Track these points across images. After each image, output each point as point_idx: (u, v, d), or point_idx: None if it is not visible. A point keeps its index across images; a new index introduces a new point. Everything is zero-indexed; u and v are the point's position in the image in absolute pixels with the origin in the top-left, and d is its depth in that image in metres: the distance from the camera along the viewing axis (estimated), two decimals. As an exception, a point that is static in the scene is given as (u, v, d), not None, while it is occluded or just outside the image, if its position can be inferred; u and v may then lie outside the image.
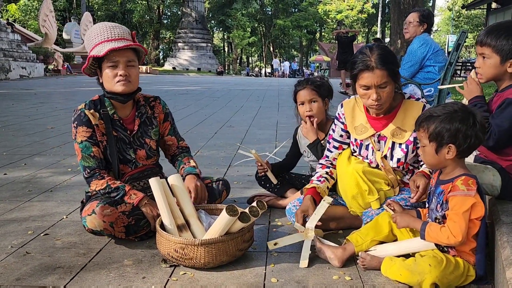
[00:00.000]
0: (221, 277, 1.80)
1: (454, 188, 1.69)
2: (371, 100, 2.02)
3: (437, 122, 1.71)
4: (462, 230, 1.64)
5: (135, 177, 2.30)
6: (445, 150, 1.72)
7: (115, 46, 2.08)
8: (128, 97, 2.23)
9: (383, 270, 1.78)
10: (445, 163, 1.76)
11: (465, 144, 1.69)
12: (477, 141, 1.70)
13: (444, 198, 1.72)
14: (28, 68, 18.74)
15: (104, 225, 2.01)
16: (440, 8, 58.94)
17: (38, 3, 30.84)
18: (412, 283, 1.68)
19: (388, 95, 2.03)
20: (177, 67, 38.25)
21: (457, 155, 1.71)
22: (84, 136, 2.16)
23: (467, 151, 1.73)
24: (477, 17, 43.41)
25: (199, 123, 6.53)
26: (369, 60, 1.98)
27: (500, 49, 2.00)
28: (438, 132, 1.71)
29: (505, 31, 2.01)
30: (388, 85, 2.00)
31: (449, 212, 1.69)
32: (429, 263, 1.66)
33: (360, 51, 2.05)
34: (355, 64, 2.03)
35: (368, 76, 1.98)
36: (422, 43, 4.42)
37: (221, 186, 2.44)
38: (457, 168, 1.76)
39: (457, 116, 1.69)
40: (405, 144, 2.13)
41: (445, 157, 1.72)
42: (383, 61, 1.97)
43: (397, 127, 2.12)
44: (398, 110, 2.14)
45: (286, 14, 47.88)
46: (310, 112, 2.59)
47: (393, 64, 2.02)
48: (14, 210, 2.64)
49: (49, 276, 1.79)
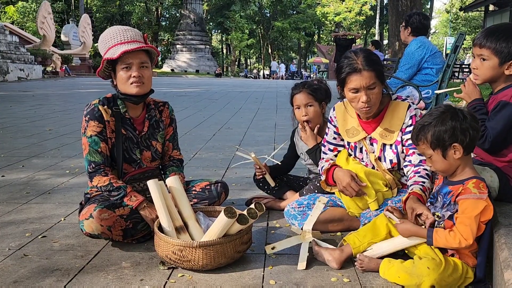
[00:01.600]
0: (219, 279, 1.80)
1: (466, 191, 1.69)
2: (361, 102, 2.03)
3: (432, 129, 1.73)
4: (474, 233, 1.65)
5: (136, 177, 2.30)
6: (452, 151, 1.73)
7: (129, 48, 2.10)
8: (142, 98, 2.26)
9: (381, 272, 1.78)
10: (456, 164, 1.76)
11: (466, 138, 1.70)
12: (474, 131, 1.72)
13: (453, 199, 1.73)
14: (26, 70, 18.72)
15: (102, 229, 2.01)
16: (438, 10, 59.11)
17: (36, 5, 30.80)
18: (410, 286, 1.68)
19: (377, 96, 2.05)
20: (175, 69, 38.25)
21: (463, 152, 1.72)
22: (94, 131, 2.18)
23: (471, 144, 1.74)
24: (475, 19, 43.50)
25: (198, 125, 6.52)
26: (355, 63, 2.00)
27: (500, 51, 2.02)
28: (437, 137, 1.72)
29: (505, 33, 2.02)
30: (376, 86, 2.02)
31: (460, 215, 1.68)
32: (428, 266, 1.66)
33: (345, 56, 2.06)
34: (341, 69, 2.04)
35: (356, 78, 1.99)
36: (420, 45, 4.43)
37: (220, 188, 2.44)
38: (466, 169, 1.77)
39: (447, 116, 1.72)
40: (394, 145, 2.15)
41: (453, 158, 1.74)
42: (369, 62, 1.99)
43: (385, 128, 2.14)
44: (386, 112, 2.16)
45: (284, 16, 47.91)
46: (306, 117, 2.58)
47: (379, 65, 2.05)
48: (12, 212, 2.63)
49: (47, 279, 1.79)
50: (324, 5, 40.64)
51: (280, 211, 2.58)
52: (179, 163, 2.47)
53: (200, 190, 2.40)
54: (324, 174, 2.22)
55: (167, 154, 2.46)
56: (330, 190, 2.26)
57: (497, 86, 2.12)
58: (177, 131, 2.53)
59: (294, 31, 46.25)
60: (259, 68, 55.00)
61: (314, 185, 2.53)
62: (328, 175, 2.20)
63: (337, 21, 38.25)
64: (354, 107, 2.11)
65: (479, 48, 2.08)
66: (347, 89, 2.05)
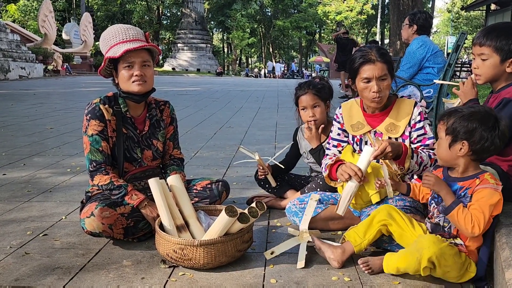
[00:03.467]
0: (220, 278, 1.80)
1: (484, 182, 1.71)
2: (372, 92, 2.08)
3: (457, 117, 1.74)
4: (486, 222, 1.65)
5: (137, 176, 2.30)
6: (458, 146, 1.74)
7: (131, 47, 2.10)
8: (143, 97, 2.26)
9: (385, 267, 1.77)
10: (457, 160, 1.78)
11: (478, 144, 1.70)
12: (492, 146, 1.71)
13: (470, 191, 1.73)
14: (27, 69, 18.73)
15: (103, 227, 2.01)
16: (440, 9, 59.00)
17: (37, 3, 30.80)
18: (412, 265, 1.66)
19: (387, 88, 2.12)
20: (176, 68, 38.24)
21: (469, 154, 1.73)
22: (95, 129, 2.18)
23: (481, 152, 1.74)
24: (476, 18, 43.47)
25: (199, 124, 6.52)
26: (369, 54, 2.09)
27: (501, 48, 2.02)
28: (455, 126, 1.74)
29: (504, 31, 2.03)
30: (387, 78, 2.10)
31: (476, 202, 1.68)
32: (429, 239, 1.67)
33: (359, 50, 2.16)
34: (355, 60, 2.12)
35: (369, 68, 2.08)
36: (421, 45, 4.42)
37: (221, 187, 2.44)
38: (471, 168, 1.78)
39: (478, 116, 1.71)
40: (401, 138, 2.16)
41: (457, 153, 1.75)
42: (382, 55, 2.10)
43: (391, 122, 2.19)
44: (392, 107, 2.21)
45: (285, 15, 47.89)
46: (313, 118, 2.58)
47: (391, 59, 2.15)
48: (13, 211, 2.63)
49: (48, 277, 1.79)
50: (326, 4, 40.59)
51: (281, 210, 2.58)
52: (179, 162, 2.48)
53: (201, 189, 2.40)
54: (327, 169, 2.22)
55: (168, 153, 2.46)
56: (335, 185, 2.26)
57: (499, 84, 2.12)
58: (178, 130, 2.53)
59: (295, 30, 46.24)
60: (260, 67, 54.95)
61: (316, 183, 2.53)
62: (332, 169, 2.20)
63: (338, 20, 38.18)
64: (365, 97, 2.15)
65: (479, 47, 2.08)
66: (359, 79, 2.12)
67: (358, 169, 2.01)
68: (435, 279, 1.74)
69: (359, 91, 2.17)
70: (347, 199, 2.05)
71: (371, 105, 2.18)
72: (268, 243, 2.16)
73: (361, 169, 2.01)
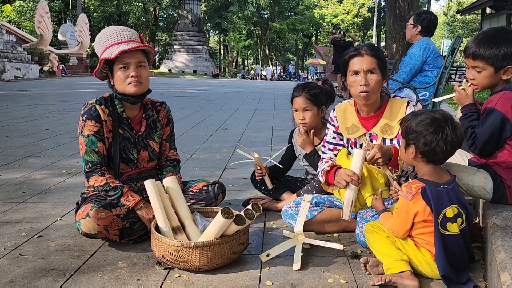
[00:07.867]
0: (216, 280, 1.80)
1: (407, 187, 1.79)
2: (360, 86, 2.09)
3: (410, 122, 1.79)
4: (401, 227, 1.80)
5: (133, 177, 2.29)
6: (410, 149, 1.80)
7: (126, 48, 2.10)
8: (140, 98, 2.25)
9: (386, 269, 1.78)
10: (412, 162, 1.85)
11: (425, 147, 1.74)
12: (438, 148, 1.72)
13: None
14: (23, 69, 18.66)
15: (98, 228, 2.00)
16: (435, 12, 59.27)
17: (33, 4, 30.63)
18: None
19: (376, 83, 2.10)
20: (172, 70, 38.20)
21: (419, 156, 1.77)
22: (91, 130, 2.17)
23: (429, 156, 1.76)
24: (472, 22, 43.67)
25: (195, 126, 6.52)
26: (360, 49, 2.12)
27: (494, 60, 2.03)
28: (406, 130, 1.80)
29: (493, 40, 2.03)
30: (376, 72, 2.09)
31: (395, 209, 1.86)
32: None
33: (352, 48, 2.20)
34: (346, 54, 2.16)
35: (357, 60, 2.10)
36: (424, 47, 4.38)
37: (217, 189, 2.43)
38: (422, 172, 1.82)
39: (426, 121, 1.74)
40: (396, 139, 2.17)
41: (409, 155, 1.81)
42: (372, 49, 2.12)
43: (386, 123, 2.19)
44: (385, 108, 2.21)
45: (282, 17, 48.01)
46: (303, 121, 2.58)
47: (382, 55, 2.14)
48: (8, 212, 2.62)
49: (43, 279, 1.78)
50: (322, 6, 40.72)
51: (277, 212, 2.58)
52: (176, 163, 2.47)
53: (197, 191, 2.40)
54: (323, 176, 2.23)
55: (164, 154, 2.45)
56: (332, 190, 2.27)
57: (496, 89, 2.14)
58: (174, 132, 2.52)
59: (291, 32, 46.36)
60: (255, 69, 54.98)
61: (312, 185, 2.53)
62: (329, 175, 2.20)
63: (335, 23, 38.31)
64: (353, 93, 2.16)
65: (472, 60, 2.09)
66: (349, 72, 2.14)
67: (353, 173, 2.03)
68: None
69: (349, 88, 2.18)
70: (350, 204, 2.08)
71: (360, 101, 2.17)
72: (264, 245, 2.16)
73: (356, 173, 2.03)
